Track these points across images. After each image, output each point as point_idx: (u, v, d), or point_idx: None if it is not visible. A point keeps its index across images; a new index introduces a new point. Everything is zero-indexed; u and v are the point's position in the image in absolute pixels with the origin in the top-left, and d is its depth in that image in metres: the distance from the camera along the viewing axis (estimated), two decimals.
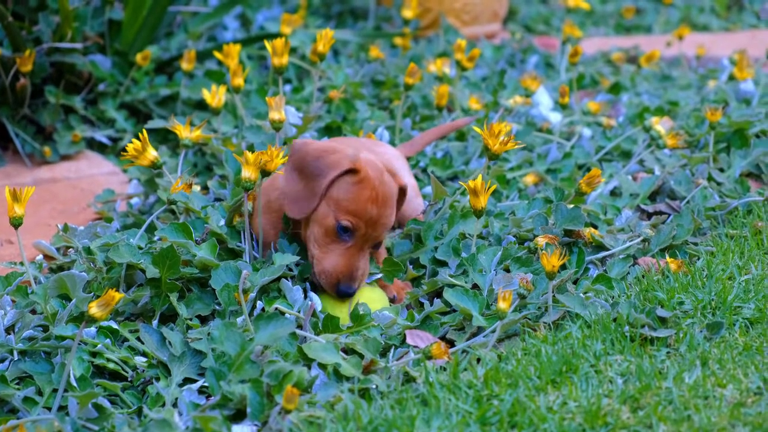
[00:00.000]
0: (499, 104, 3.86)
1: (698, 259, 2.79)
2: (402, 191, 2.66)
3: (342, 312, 2.53)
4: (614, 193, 3.27)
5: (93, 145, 3.86)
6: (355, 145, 2.76)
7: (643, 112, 3.89)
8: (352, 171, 2.53)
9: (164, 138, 3.75)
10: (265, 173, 2.58)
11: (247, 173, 2.57)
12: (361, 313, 2.44)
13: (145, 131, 2.81)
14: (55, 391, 2.23)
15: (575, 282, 2.67)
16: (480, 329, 2.46)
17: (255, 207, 2.68)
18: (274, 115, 2.90)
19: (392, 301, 2.64)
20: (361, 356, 2.31)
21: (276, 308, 2.43)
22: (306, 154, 2.56)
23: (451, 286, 2.58)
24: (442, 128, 3.41)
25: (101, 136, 3.83)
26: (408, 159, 3.19)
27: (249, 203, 2.68)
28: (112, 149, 3.85)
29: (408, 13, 4.89)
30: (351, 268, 2.53)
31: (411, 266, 2.76)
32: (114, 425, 2.13)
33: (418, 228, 2.81)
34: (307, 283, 2.61)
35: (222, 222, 2.75)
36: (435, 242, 2.78)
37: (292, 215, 2.57)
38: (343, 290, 2.52)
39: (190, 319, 2.50)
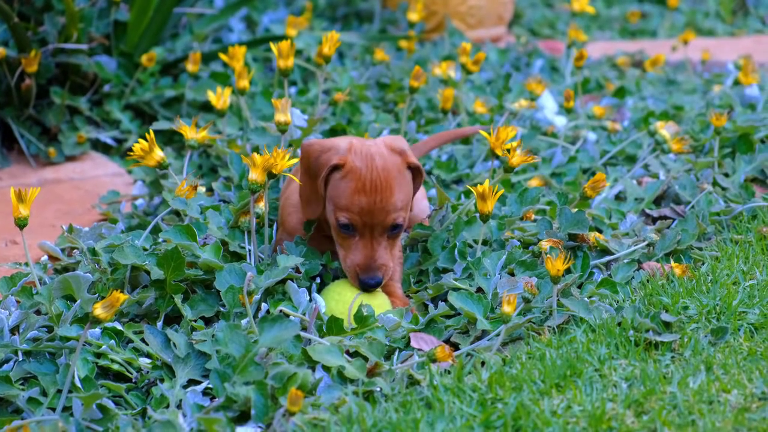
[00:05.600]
0: (504, 108, 3.86)
1: (703, 264, 2.79)
2: (415, 169, 2.64)
3: (346, 315, 2.53)
4: (619, 197, 3.27)
5: (98, 146, 3.86)
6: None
7: (648, 116, 3.88)
8: (338, 167, 2.55)
9: (169, 139, 3.75)
10: (271, 176, 2.58)
11: (254, 175, 2.56)
12: (365, 314, 2.44)
13: (152, 131, 2.81)
14: (59, 391, 2.23)
15: (580, 286, 2.67)
16: (484, 333, 2.46)
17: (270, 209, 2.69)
18: (280, 117, 2.90)
19: None
20: (366, 359, 2.32)
21: (281, 310, 2.43)
22: (309, 153, 2.60)
23: (456, 289, 2.59)
24: (449, 134, 3.41)
25: (106, 137, 3.83)
26: None
27: (260, 205, 2.70)
28: (117, 150, 3.85)
29: (413, 16, 4.88)
30: (366, 259, 2.55)
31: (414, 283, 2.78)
32: (118, 426, 2.13)
33: (424, 233, 2.81)
34: (313, 285, 2.62)
35: (223, 224, 2.76)
36: (442, 252, 2.78)
37: (306, 216, 2.61)
38: (364, 281, 2.55)
39: (195, 321, 2.50)
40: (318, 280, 2.68)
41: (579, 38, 4.49)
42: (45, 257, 2.91)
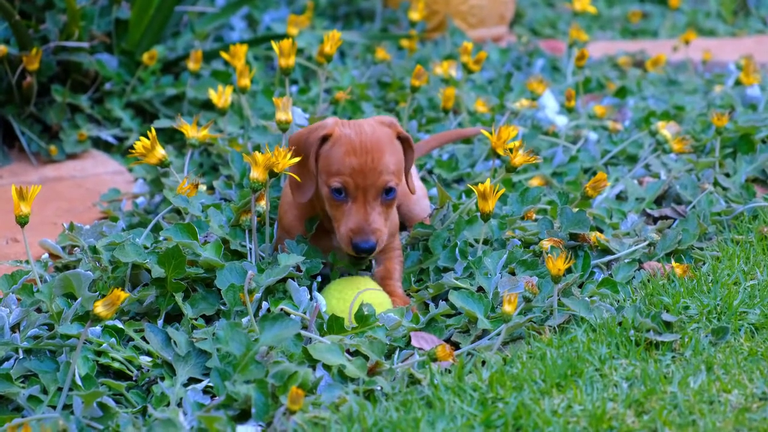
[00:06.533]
0: (506, 107, 3.86)
1: (704, 264, 2.79)
2: (405, 140, 2.64)
3: (347, 313, 2.53)
4: (620, 197, 3.27)
5: (99, 144, 3.86)
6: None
7: (649, 116, 3.88)
8: (327, 137, 2.56)
9: (170, 138, 3.75)
10: (273, 174, 2.58)
11: (255, 174, 2.57)
12: (365, 313, 2.44)
13: (153, 129, 2.81)
14: (60, 389, 2.23)
15: (580, 286, 2.67)
16: (485, 332, 2.46)
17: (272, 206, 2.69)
18: (281, 116, 2.90)
19: None
20: (366, 358, 2.31)
21: (281, 309, 2.43)
22: (298, 140, 2.62)
23: (457, 288, 2.58)
24: (450, 134, 3.41)
25: (107, 135, 3.83)
26: None
27: (261, 204, 2.70)
28: (118, 148, 3.85)
29: (415, 16, 4.89)
30: (360, 222, 2.52)
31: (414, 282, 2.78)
32: (118, 424, 2.13)
33: (425, 232, 2.81)
34: (314, 283, 2.62)
35: (224, 222, 2.76)
36: (443, 251, 2.78)
37: (300, 200, 2.61)
38: (357, 244, 2.51)
39: (195, 319, 2.50)
40: (319, 278, 2.68)
41: (580, 38, 4.49)
42: (46, 255, 2.91)
